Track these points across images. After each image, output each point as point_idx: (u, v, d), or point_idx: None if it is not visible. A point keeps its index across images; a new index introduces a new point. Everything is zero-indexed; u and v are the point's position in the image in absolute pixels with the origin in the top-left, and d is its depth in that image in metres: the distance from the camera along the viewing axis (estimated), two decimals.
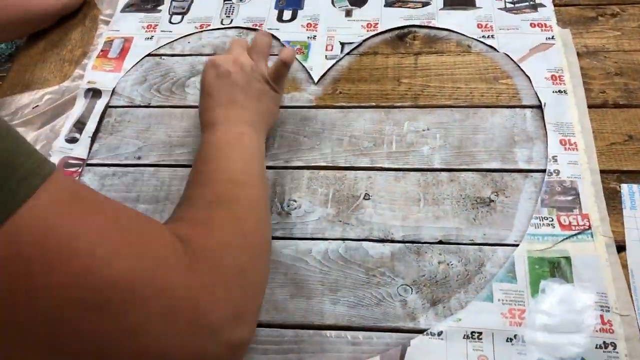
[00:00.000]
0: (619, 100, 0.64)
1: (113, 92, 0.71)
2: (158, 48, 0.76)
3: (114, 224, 0.36)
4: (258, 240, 0.47)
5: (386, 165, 0.61)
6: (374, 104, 0.66)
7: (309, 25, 0.76)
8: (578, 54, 0.68)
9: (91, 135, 0.67)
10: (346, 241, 0.56)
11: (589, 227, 0.54)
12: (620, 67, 0.67)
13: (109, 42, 0.77)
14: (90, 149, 0.66)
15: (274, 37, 0.73)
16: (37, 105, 0.72)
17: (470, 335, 0.49)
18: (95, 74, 0.73)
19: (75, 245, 0.32)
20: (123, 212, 0.38)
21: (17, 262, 0.30)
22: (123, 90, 0.71)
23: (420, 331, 0.50)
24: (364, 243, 0.56)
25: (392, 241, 0.56)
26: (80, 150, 0.66)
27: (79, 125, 0.68)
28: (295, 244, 0.56)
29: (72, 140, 0.67)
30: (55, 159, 0.65)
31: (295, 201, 0.59)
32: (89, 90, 0.71)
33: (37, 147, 0.68)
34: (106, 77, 0.73)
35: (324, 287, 0.53)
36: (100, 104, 0.70)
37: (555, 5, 0.74)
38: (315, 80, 0.69)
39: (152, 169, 0.63)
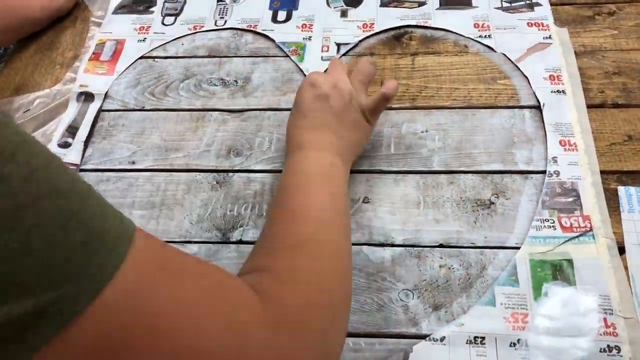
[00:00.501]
0: (617, 100, 0.64)
1: (106, 95, 0.70)
2: (151, 50, 0.74)
3: (198, 292, 0.34)
4: (341, 297, 0.44)
5: (385, 168, 0.60)
6: None
7: (304, 26, 0.75)
8: (576, 53, 0.68)
9: (84, 140, 0.66)
10: None
11: (591, 229, 0.54)
12: (618, 66, 0.66)
13: (101, 45, 0.76)
14: (83, 154, 0.65)
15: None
16: (29, 110, 0.71)
17: (473, 340, 0.49)
18: (87, 77, 0.72)
19: (162, 325, 0.31)
20: (206, 275, 0.36)
21: (104, 345, 0.29)
22: (116, 94, 0.70)
23: (423, 337, 0.49)
24: (364, 247, 0.55)
25: (393, 245, 0.55)
26: (73, 155, 0.65)
27: (72, 129, 0.67)
28: None
29: (64, 145, 0.66)
30: None
31: None
32: (81, 93, 0.70)
33: None
34: (98, 81, 0.71)
35: None
36: (93, 108, 0.69)
37: (551, 4, 0.74)
38: None
39: (147, 173, 0.62)
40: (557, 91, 0.64)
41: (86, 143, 0.66)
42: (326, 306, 0.41)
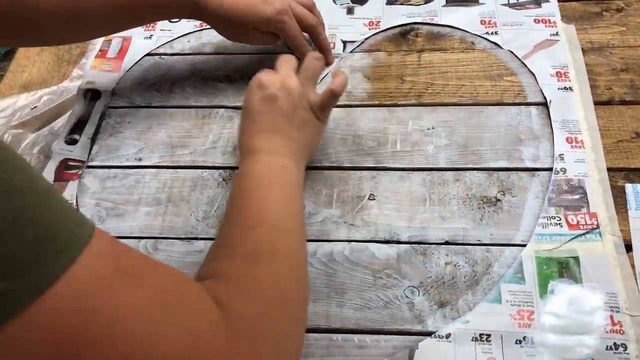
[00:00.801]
0: (625, 97, 0.63)
1: (113, 92, 0.70)
2: (157, 47, 0.75)
3: (155, 298, 0.34)
4: (298, 302, 0.44)
5: (391, 165, 0.60)
6: (377, 102, 0.66)
7: None
8: (583, 50, 0.68)
9: (91, 136, 0.66)
10: (352, 243, 0.55)
11: (597, 227, 0.54)
12: (626, 63, 0.66)
13: (108, 42, 0.76)
14: (90, 150, 0.65)
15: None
16: (36, 107, 0.71)
17: (478, 338, 0.49)
18: (94, 74, 0.72)
19: (114, 329, 0.30)
20: (166, 282, 0.36)
21: (50, 343, 0.28)
22: (122, 91, 0.70)
23: (428, 334, 0.49)
24: (370, 244, 0.55)
25: (398, 242, 0.55)
26: (79, 151, 0.65)
27: (79, 126, 0.67)
28: None
29: (71, 142, 0.66)
30: (55, 161, 0.64)
31: None
32: (87, 90, 0.71)
33: (36, 150, 0.67)
34: (105, 77, 0.72)
35: (330, 289, 0.53)
36: (99, 105, 0.69)
37: (559, 1, 0.73)
38: (318, 80, 0.68)
39: (153, 170, 0.62)
40: (564, 88, 0.64)
41: (93, 140, 0.66)
42: (284, 315, 0.41)
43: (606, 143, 0.60)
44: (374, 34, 0.73)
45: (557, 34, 0.70)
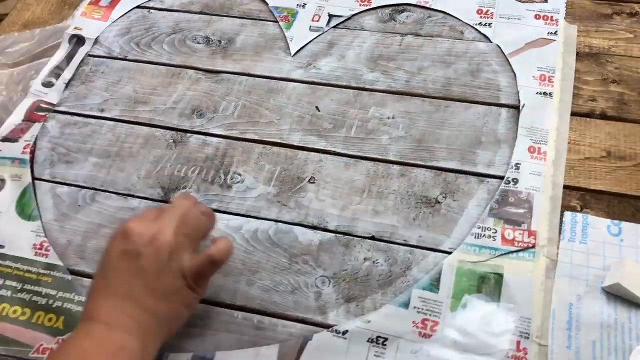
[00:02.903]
0: (607, 111, 0.58)
1: (95, 40, 0.71)
2: (148, 0, 0.75)
3: None
4: None
5: (339, 150, 0.58)
6: (345, 84, 0.63)
7: None
8: (577, 54, 0.62)
9: (67, 82, 0.68)
10: (279, 223, 0.54)
11: (533, 246, 0.50)
12: (620, 74, 0.60)
13: None
14: (62, 95, 0.67)
15: None
16: (28, 45, 0.73)
17: (375, 340, 0.47)
18: (83, 20, 0.74)
19: None
20: None
21: None
22: (104, 40, 0.71)
23: (327, 326, 0.48)
24: (296, 228, 0.54)
25: (325, 230, 0.54)
26: (53, 95, 0.67)
27: (57, 70, 0.69)
28: (228, 218, 0.55)
29: (47, 85, 0.68)
30: (28, 101, 0.66)
31: (240, 175, 0.58)
32: (73, 36, 0.72)
33: (19, 87, 0.69)
34: (92, 25, 0.73)
35: (244, 267, 0.52)
36: (81, 52, 0.70)
37: None
38: (292, 53, 0.67)
39: (111, 123, 0.63)
40: (544, 93, 0.59)
41: (67, 85, 0.68)
42: None
43: (571, 158, 0.55)
44: (363, 11, 0.70)
45: (555, 32, 0.64)
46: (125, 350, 0.40)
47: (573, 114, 0.58)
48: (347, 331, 0.48)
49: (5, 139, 0.63)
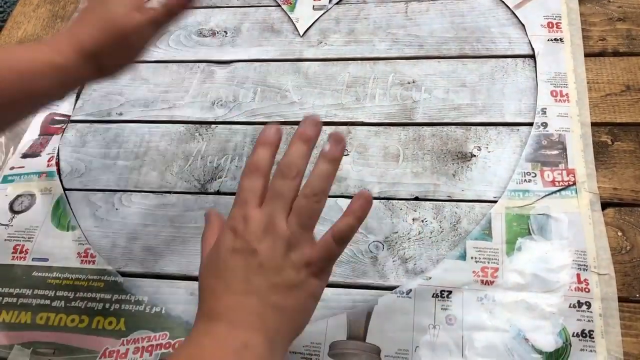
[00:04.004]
0: (619, 48, 0.60)
1: None
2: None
3: None
4: None
5: (367, 120, 0.59)
6: (359, 56, 0.64)
7: None
8: None
9: (77, 92, 0.67)
10: None
11: (574, 183, 0.52)
12: (624, 12, 0.62)
13: None
14: (75, 105, 0.66)
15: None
16: None
17: (439, 294, 0.48)
18: None
19: None
20: None
21: None
22: None
23: (390, 288, 0.49)
24: (339, 200, 0.54)
25: None
26: (66, 106, 0.66)
27: None
28: None
29: None
30: (41, 116, 0.66)
31: None
32: None
33: None
34: None
35: None
36: None
37: None
38: (301, 33, 0.67)
39: (132, 125, 0.63)
40: (554, 39, 0.61)
41: (78, 95, 0.67)
42: None
43: (593, 97, 0.57)
44: None
45: None
46: (250, 348, 0.36)
47: (587, 54, 0.60)
48: (410, 290, 0.49)
49: (26, 155, 0.62)
